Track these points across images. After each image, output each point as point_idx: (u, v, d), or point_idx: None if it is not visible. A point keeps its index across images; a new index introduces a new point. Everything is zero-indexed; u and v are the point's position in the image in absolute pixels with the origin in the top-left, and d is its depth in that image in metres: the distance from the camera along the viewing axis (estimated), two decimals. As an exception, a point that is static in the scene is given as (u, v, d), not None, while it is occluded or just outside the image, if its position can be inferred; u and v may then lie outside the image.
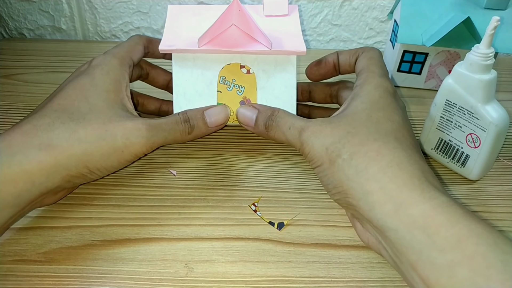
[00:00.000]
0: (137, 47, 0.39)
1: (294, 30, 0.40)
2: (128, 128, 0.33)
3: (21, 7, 0.63)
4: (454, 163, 0.40)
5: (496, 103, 0.36)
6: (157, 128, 0.34)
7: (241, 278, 0.30)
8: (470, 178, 0.39)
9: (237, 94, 0.39)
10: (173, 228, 0.34)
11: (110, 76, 0.35)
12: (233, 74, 0.39)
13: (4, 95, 0.49)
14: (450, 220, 0.25)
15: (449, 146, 0.39)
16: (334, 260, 0.32)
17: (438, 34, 0.46)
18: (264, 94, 0.39)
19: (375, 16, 0.62)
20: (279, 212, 0.35)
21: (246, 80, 0.39)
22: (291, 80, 0.39)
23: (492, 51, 0.34)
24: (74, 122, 0.32)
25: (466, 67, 0.35)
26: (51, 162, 0.30)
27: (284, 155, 0.42)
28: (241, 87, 0.39)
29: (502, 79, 0.55)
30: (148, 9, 0.62)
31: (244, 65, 0.39)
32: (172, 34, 0.39)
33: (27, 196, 0.30)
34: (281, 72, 0.39)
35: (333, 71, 0.41)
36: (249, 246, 0.33)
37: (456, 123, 0.38)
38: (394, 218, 0.26)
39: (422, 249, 0.25)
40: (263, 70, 0.39)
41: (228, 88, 0.39)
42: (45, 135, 0.31)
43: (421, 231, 0.25)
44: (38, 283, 0.29)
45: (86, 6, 0.62)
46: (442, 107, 0.38)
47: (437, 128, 0.40)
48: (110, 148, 0.32)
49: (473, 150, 0.38)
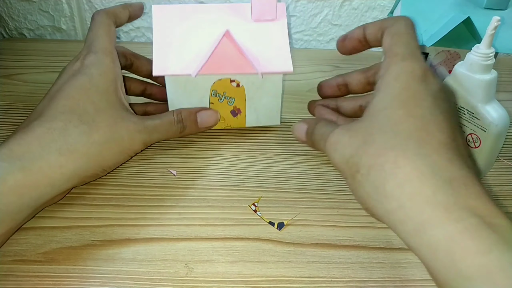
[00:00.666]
0: (113, 33, 0.38)
1: (281, 44, 0.41)
2: (131, 129, 0.36)
3: (21, 7, 0.63)
4: None
5: (497, 103, 0.36)
6: (154, 130, 0.37)
7: (241, 278, 0.30)
8: None
9: (228, 104, 0.42)
10: (173, 228, 0.34)
11: (107, 77, 0.36)
12: (224, 88, 0.41)
13: (4, 95, 0.49)
14: (480, 247, 0.22)
15: None
16: (334, 260, 0.32)
17: (438, 34, 0.46)
18: (252, 103, 0.42)
19: (375, 16, 0.62)
20: (279, 212, 0.35)
21: (236, 92, 0.41)
22: (277, 90, 0.42)
23: (493, 51, 0.34)
24: (86, 125, 0.33)
25: (466, 67, 0.35)
26: (71, 166, 0.31)
27: (284, 155, 0.42)
28: (231, 98, 0.42)
29: (502, 79, 0.54)
30: (148, 9, 0.62)
31: (234, 80, 0.41)
32: (162, 53, 0.39)
33: (46, 198, 0.31)
34: (268, 83, 0.41)
35: (361, 46, 0.37)
36: (249, 246, 0.33)
37: None
38: (416, 238, 0.24)
39: (447, 274, 0.23)
40: (252, 83, 0.41)
41: (219, 100, 0.42)
42: (62, 139, 0.31)
43: (445, 255, 0.23)
44: (38, 283, 0.29)
45: (86, 6, 0.62)
46: None
47: None
48: (119, 148, 0.35)
49: (473, 150, 0.38)
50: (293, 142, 0.43)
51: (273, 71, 0.40)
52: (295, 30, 0.64)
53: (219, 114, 0.42)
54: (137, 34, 0.65)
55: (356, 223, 0.35)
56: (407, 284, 0.30)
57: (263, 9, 0.40)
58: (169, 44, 0.40)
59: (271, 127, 0.45)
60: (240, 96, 0.42)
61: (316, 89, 0.44)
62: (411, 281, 0.30)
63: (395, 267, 0.31)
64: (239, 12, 0.41)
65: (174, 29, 0.40)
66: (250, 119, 0.44)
